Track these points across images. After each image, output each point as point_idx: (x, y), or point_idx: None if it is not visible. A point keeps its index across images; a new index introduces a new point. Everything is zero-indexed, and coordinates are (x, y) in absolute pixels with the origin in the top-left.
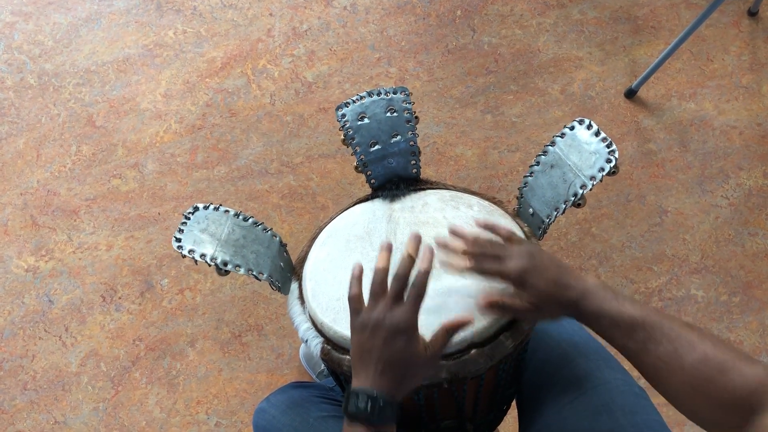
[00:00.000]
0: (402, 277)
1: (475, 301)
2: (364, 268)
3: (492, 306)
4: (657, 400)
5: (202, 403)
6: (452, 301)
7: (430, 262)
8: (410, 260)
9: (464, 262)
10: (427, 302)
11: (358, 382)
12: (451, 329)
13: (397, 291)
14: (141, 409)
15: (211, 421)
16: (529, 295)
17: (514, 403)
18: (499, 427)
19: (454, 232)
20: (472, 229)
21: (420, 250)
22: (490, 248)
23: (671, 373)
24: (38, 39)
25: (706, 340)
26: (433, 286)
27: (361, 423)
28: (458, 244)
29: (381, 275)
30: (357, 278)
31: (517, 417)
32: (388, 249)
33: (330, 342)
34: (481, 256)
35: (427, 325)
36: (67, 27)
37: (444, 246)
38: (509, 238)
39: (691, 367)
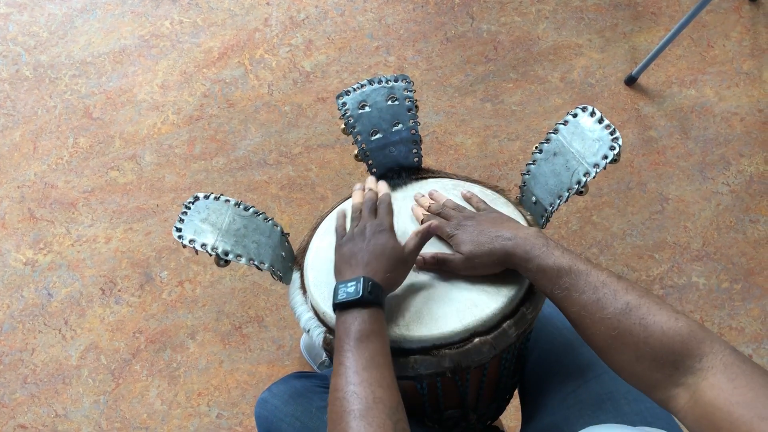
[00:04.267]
0: (371, 200)
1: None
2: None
3: (427, 260)
4: None
5: (204, 395)
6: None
7: (389, 190)
8: (373, 192)
9: (421, 211)
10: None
11: (342, 280)
12: (420, 234)
13: (371, 207)
14: (142, 402)
15: (213, 413)
16: (461, 253)
17: (516, 392)
18: (501, 417)
19: (431, 195)
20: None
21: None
22: (446, 209)
23: (593, 322)
24: (33, 30)
25: (632, 291)
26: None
27: (351, 308)
28: (426, 200)
29: (357, 206)
30: (342, 216)
31: (519, 407)
32: (362, 188)
33: (332, 331)
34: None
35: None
36: (62, 18)
37: (417, 200)
38: (477, 206)
39: (613, 317)
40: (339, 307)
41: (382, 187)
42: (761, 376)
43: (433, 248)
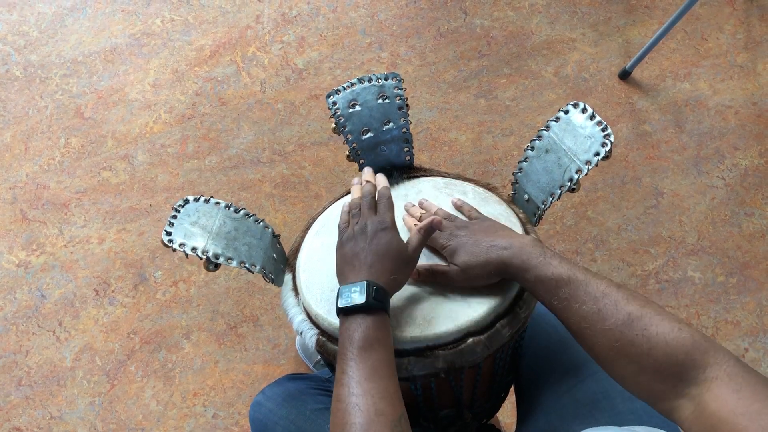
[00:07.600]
0: (369, 194)
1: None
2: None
3: (422, 272)
4: None
5: (199, 395)
6: None
7: (387, 183)
8: (371, 185)
9: (413, 221)
10: None
11: (346, 283)
12: (423, 230)
13: (369, 202)
14: (137, 403)
15: (209, 413)
16: (456, 264)
17: (512, 389)
18: (497, 414)
19: (421, 205)
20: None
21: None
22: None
23: (594, 334)
24: (23, 30)
25: (633, 301)
26: None
27: (355, 314)
28: (417, 209)
29: (357, 202)
30: (346, 212)
31: (515, 403)
32: (360, 183)
33: (325, 333)
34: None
35: None
36: (52, 17)
37: (407, 210)
38: (468, 214)
39: (614, 328)
40: (342, 312)
41: (381, 180)
42: (766, 386)
43: (426, 260)
